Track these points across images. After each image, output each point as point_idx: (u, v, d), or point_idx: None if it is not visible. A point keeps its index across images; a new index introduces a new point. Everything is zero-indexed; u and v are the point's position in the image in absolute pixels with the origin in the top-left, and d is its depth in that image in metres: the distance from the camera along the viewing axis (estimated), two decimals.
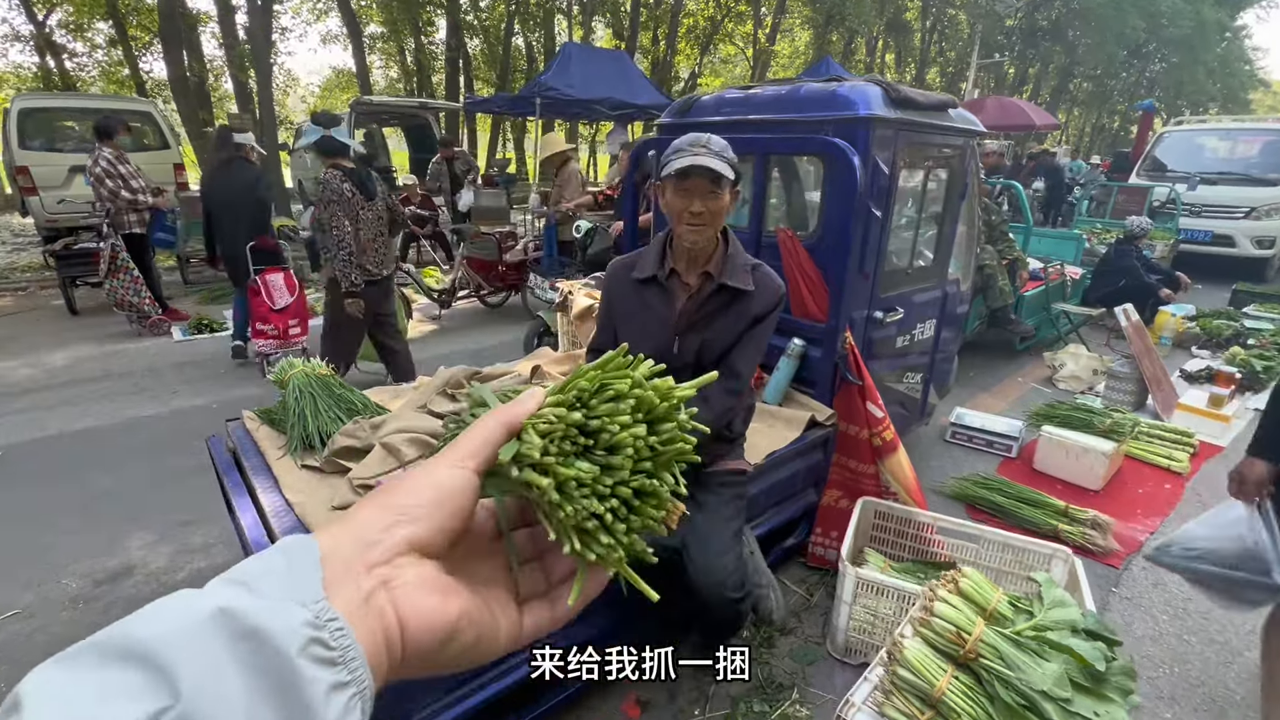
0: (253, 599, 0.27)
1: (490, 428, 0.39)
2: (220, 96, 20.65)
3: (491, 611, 0.37)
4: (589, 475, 0.40)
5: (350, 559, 0.32)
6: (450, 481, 0.36)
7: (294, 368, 2.27)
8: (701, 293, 1.74)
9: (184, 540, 2.78)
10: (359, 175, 3.27)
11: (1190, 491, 3.38)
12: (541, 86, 7.48)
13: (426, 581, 0.33)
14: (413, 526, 0.34)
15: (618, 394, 0.42)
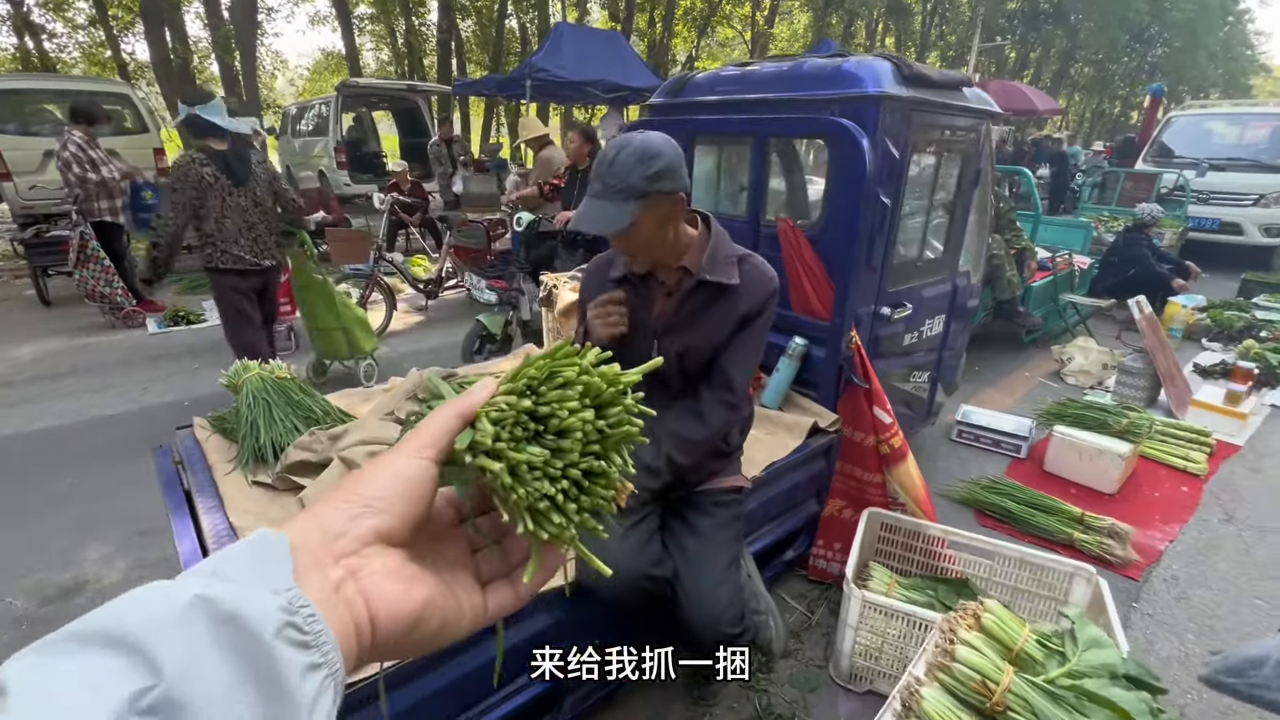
0: (228, 586, 0.28)
1: (446, 416, 0.40)
2: (205, 79, 20.20)
3: (455, 595, 0.39)
4: (540, 459, 0.41)
5: (318, 550, 0.33)
6: (411, 471, 0.37)
7: (248, 370, 2.07)
8: (680, 290, 1.52)
9: (141, 553, 2.59)
10: (226, 159, 3.06)
11: (1209, 495, 3.22)
12: (532, 68, 7.21)
13: (392, 571, 0.35)
14: (378, 518, 0.35)
15: (566, 381, 0.43)
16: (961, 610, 1.55)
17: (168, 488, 1.78)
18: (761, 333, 1.54)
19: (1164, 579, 2.60)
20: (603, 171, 1.35)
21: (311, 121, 11.27)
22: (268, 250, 3.32)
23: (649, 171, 1.32)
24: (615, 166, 1.33)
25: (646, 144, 1.33)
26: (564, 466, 0.42)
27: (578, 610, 1.52)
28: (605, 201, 1.35)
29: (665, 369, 1.55)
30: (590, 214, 1.36)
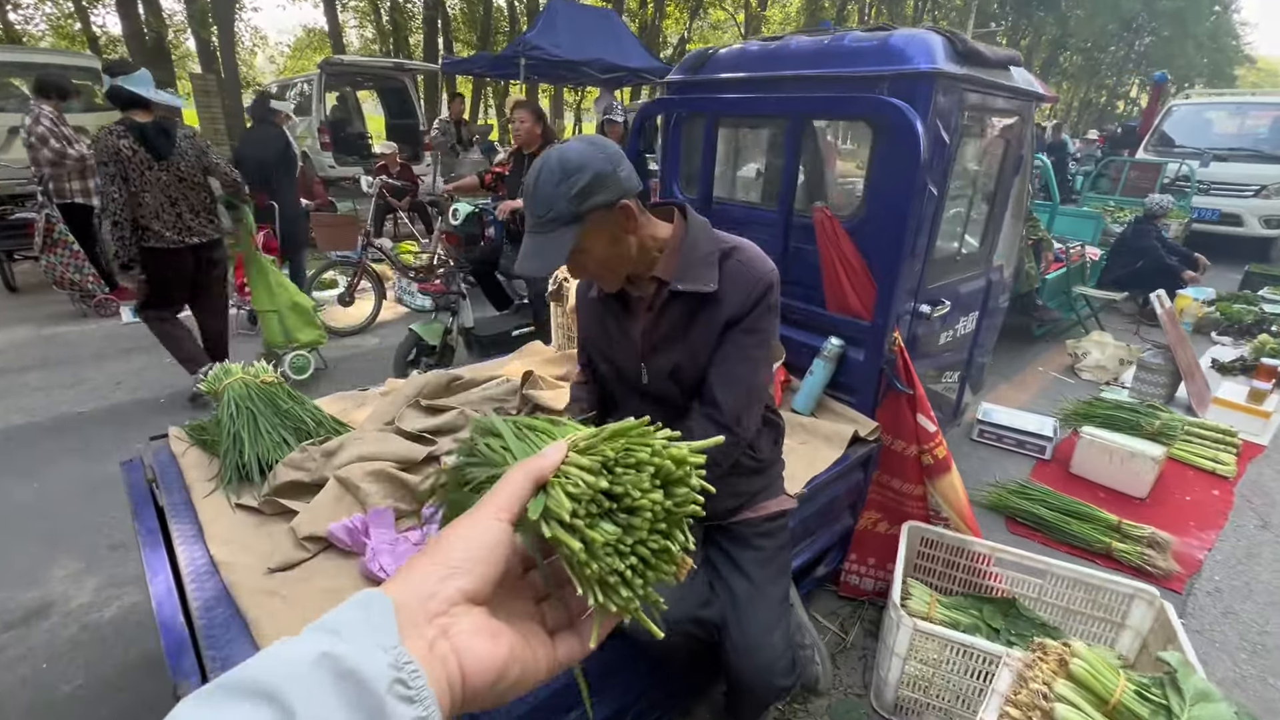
0: (345, 645, 0.31)
1: (519, 483, 0.43)
2: (181, 55, 19.50)
3: (530, 646, 0.41)
4: (613, 537, 0.44)
5: (414, 611, 0.36)
6: (491, 535, 0.40)
7: (229, 375, 1.85)
8: (656, 305, 1.29)
9: (114, 569, 2.37)
10: (144, 131, 2.95)
11: (1240, 499, 3.11)
12: (526, 45, 6.90)
13: (479, 627, 0.38)
14: (464, 579, 0.38)
15: (639, 462, 0.46)
16: (1039, 650, 1.39)
17: (139, 510, 1.56)
18: (750, 339, 1.27)
19: (1207, 592, 2.48)
20: (528, 202, 1.15)
21: (293, 101, 10.81)
22: (195, 228, 3.23)
23: (573, 191, 1.11)
24: (537, 195, 1.14)
25: (564, 160, 1.12)
26: (633, 544, 0.45)
27: (613, 655, 1.34)
28: (539, 236, 1.15)
29: (664, 389, 1.35)
30: (528, 252, 1.16)
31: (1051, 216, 5.33)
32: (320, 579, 1.31)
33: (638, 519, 0.45)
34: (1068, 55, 30.75)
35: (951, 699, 1.77)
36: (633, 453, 0.46)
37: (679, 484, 0.47)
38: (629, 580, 0.44)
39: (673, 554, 0.47)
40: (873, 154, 2.06)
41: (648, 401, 1.40)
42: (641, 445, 0.47)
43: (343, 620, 0.33)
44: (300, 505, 1.52)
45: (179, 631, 1.19)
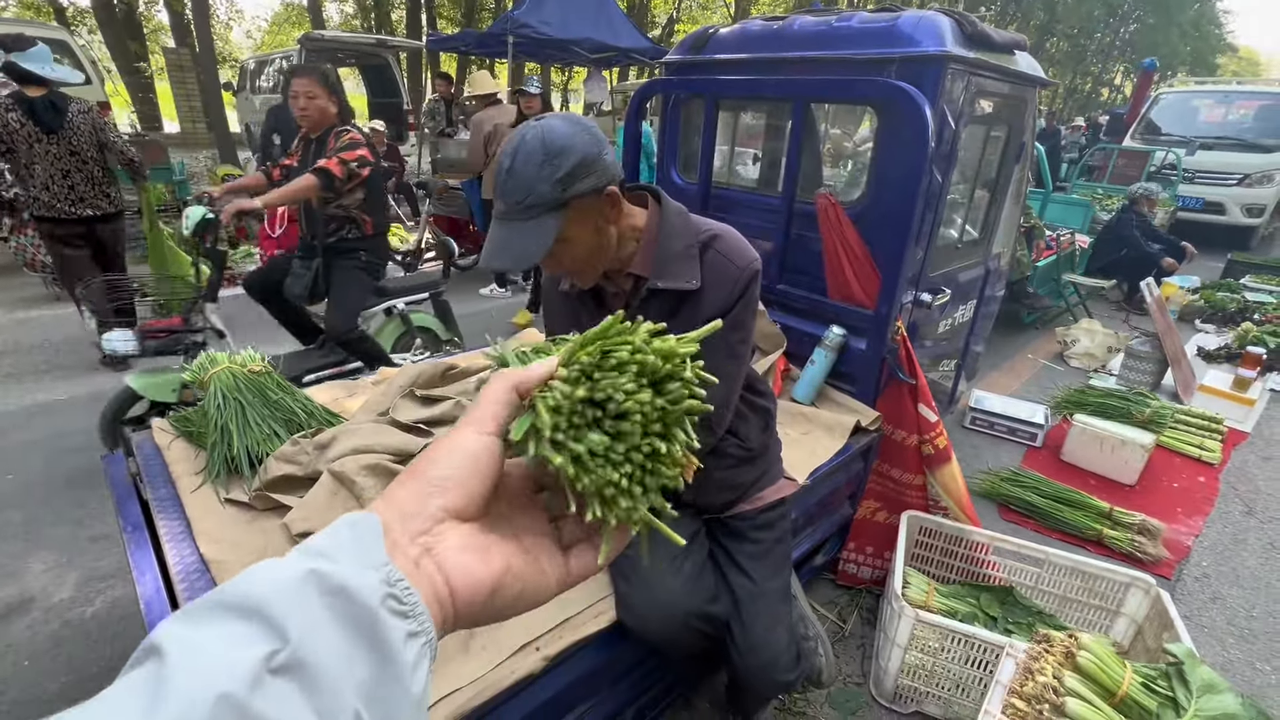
0: (333, 564, 0.30)
1: (498, 391, 0.41)
2: (154, 28, 18.85)
3: (536, 560, 0.40)
4: (601, 446, 0.41)
5: (396, 533, 0.35)
6: (474, 446, 0.38)
7: (215, 364, 1.78)
8: (634, 303, 1.21)
9: (94, 563, 2.30)
10: (34, 105, 3.05)
11: (1226, 485, 3.16)
12: (514, 23, 6.71)
13: (466, 544, 0.36)
14: (445, 496, 0.37)
15: (620, 363, 0.42)
16: (1044, 641, 1.39)
17: (122, 506, 1.50)
18: (735, 335, 1.20)
19: (1195, 577, 2.52)
20: (501, 186, 1.03)
21: (272, 77, 10.50)
22: (88, 200, 3.36)
23: (559, 174, 1.01)
24: (514, 178, 1.02)
25: (547, 139, 1.01)
26: (626, 450, 0.42)
27: (617, 652, 1.32)
28: (515, 224, 1.04)
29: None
30: (500, 243, 1.05)
31: (1043, 204, 5.34)
32: None
33: (627, 424, 0.41)
34: (1054, 41, 30.76)
35: (951, 687, 1.78)
36: (611, 354, 0.42)
37: (670, 379, 0.43)
38: (628, 489, 0.41)
39: (674, 455, 0.43)
40: (879, 139, 2.02)
41: None
42: (621, 344, 0.43)
43: (329, 543, 0.33)
44: (293, 500, 1.47)
45: None
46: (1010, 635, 1.87)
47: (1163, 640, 1.70)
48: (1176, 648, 1.30)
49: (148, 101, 14.33)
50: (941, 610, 1.97)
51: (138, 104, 14.06)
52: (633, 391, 0.42)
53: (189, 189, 7.52)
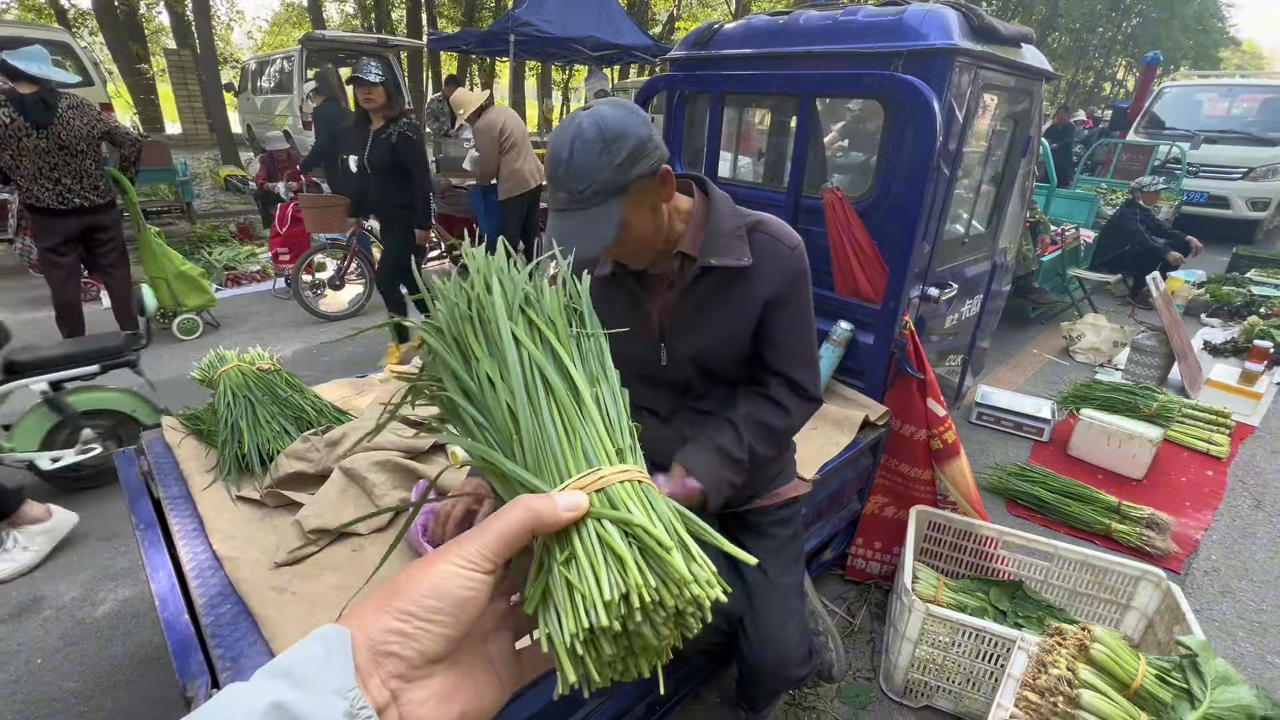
0: (297, 691, 0.30)
1: (512, 529, 0.39)
2: (155, 29, 18.86)
3: (495, 675, 0.40)
4: (612, 659, 0.41)
5: (367, 663, 0.33)
6: (465, 591, 0.36)
7: (225, 362, 1.79)
8: (681, 281, 1.22)
9: (105, 562, 2.31)
10: (24, 102, 3.15)
11: (1234, 479, 3.15)
12: (516, 21, 6.71)
13: (433, 693, 0.36)
14: (425, 643, 0.35)
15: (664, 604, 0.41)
16: (1056, 634, 1.39)
17: (135, 505, 1.50)
18: (804, 311, 1.25)
19: (1205, 571, 2.52)
20: (560, 176, 1.04)
21: (273, 78, 10.50)
22: (77, 193, 3.42)
23: (619, 159, 1.02)
24: (574, 167, 1.02)
25: (602, 126, 1.02)
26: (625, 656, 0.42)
27: None
28: (579, 212, 1.05)
29: (683, 373, 1.29)
30: (569, 233, 1.06)
31: (1048, 199, 5.32)
32: (330, 574, 1.27)
33: (639, 641, 0.42)
34: (1056, 36, 30.66)
35: (962, 681, 1.78)
36: (663, 595, 0.41)
37: (692, 616, 0.43)
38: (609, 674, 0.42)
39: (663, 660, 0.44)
40: (886, 133, 2.01)
41: (657, 388, 1.34)
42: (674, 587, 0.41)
43: (299, 659, 0.32)
44: (305, 497, 1.48)
45: (184, 630, 1.15)
46: (1020, 629, 1.87)
47: (1174, 634, 1.69)
48: (1190, 640, 1.30)
49: (149, 103, 14.35)
50: (951, 605, 1.97)
51: (139, 105, 14.08)
52: (661, 628, 0.42)
53: (192, 190, 7.54)
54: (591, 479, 0.45)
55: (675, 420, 1.35)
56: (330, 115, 5.81)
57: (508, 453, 0.51)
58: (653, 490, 0.47)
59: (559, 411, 0.51)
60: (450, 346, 0.57)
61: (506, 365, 0.53)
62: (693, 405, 1.35)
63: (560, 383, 0.53)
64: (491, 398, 0.52)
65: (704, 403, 1.34)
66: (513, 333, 0.54)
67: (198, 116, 13.49)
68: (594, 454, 0.49)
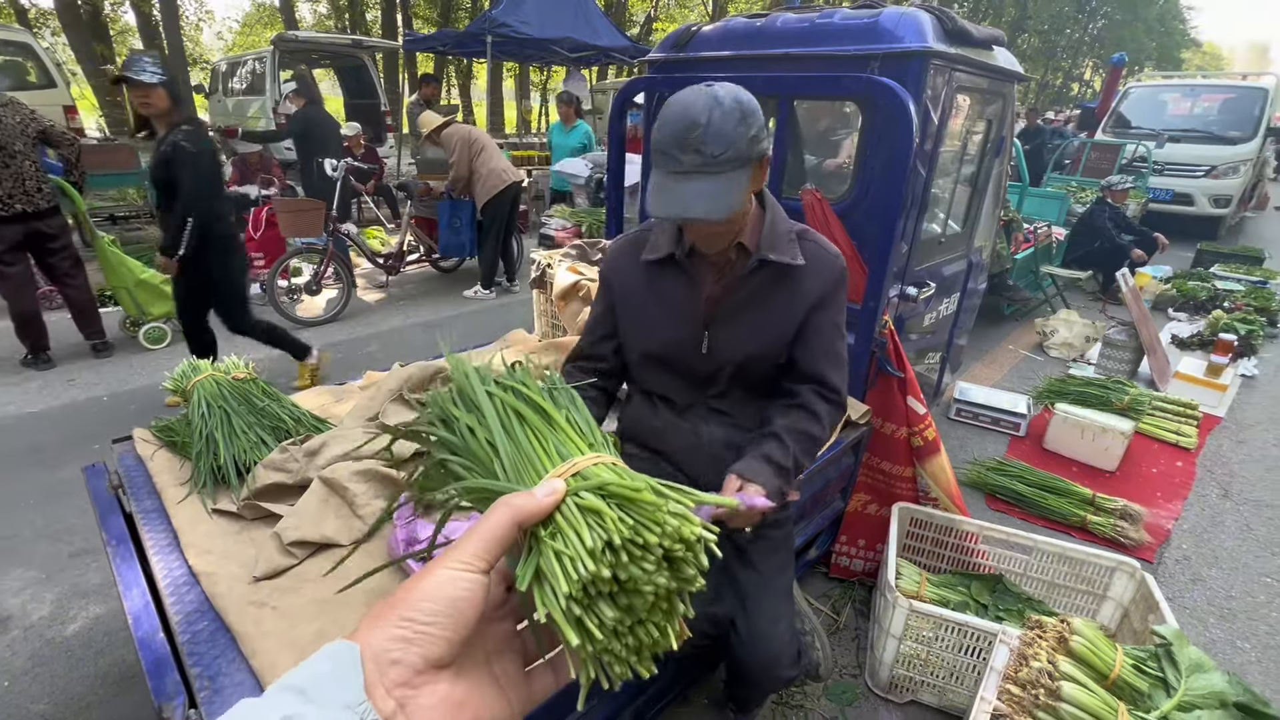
0: (309, 707, 0.30)
1: (499, 526, 0.40)
2: (121, 30, 18.42)
3: (504, 694, 0.41)
4: (613, 622, 0.42)
5: (374, 673, 0.34)
6: (461, 592, 0.37)
7: (198, 372, 1.75)
8: (735, 271, 1.28)
9: (75, 578, 2.25)
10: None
11: (1202, 469, 3.24)
12: (493, 22, 6.67)
13: (441, 699, 0.36)
14: (427, 645, 0.35)
15: (647, 543, 0.43)
16: (1036, 627, 1.42)
17: (105, 519, 1.46)
18: (840, 318, 1.33)
19: (1176, 560, 2.58)
20: (694, 139, 1.04)
21: (245, 79, 10.30)
22: (18, 198, 3.36)
23: (751, 132, 1.06)
24: (712, 131, 1.04)
25: (739, 99, 1.06)
26: (632, 624, 0.43)
27: None
28: (705, 177, 1.07)
29: (717, 364, 1.32)
30: (694, 194, 1.07)
31: (1021, 197, 5.43)
32: (311, 588, 1.25)
33: (639, 600, 0.42)
34: (1026, 37, 31.35)
35: (945, 676, 1.81)
36: (642, 532, 0.43)
37: (685, 563, 0.44)
38: (625, 658, 0.42)
39: (671, 630, 0.45)
40: (863, 135, 2.04)
41: (683, 377, 1.36)
42: (651, 522, 0.43)
43: (310, 675, 0.32)
44: (284, 509, 1.45)
45: (159, 649, 1.12)
46: (1001, 622, 1.90)
47: (1149, 622, 1.74)
48: (1165, 629, 1.33)
49: (116, 105, 13.99)
50: (933, 600, 1.99)
51: (106, 107, 13.73)
52: (653, 573, 0.42)
53: None
54: (566, 467, 0.48)
55: (689, 415, 1.40)
56: (307, 118, 5.72)
57: (490, 477, 0.54)
58: (626, 469, 0.50)
59: (532, 431, 0.55)
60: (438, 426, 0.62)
61: (482, 411, 0.58)
62: (710, 402, 1.39)
63: (532, 413, 0.57)
64: (472, 441, 0.57)
65: (722, 401, 1.38)
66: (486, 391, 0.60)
67: None
68: (568, 452, 0.52)
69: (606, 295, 1.43)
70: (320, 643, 1.16)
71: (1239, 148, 8.59)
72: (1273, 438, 3.59)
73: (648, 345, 1.37)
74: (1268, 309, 5.25)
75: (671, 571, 0.44)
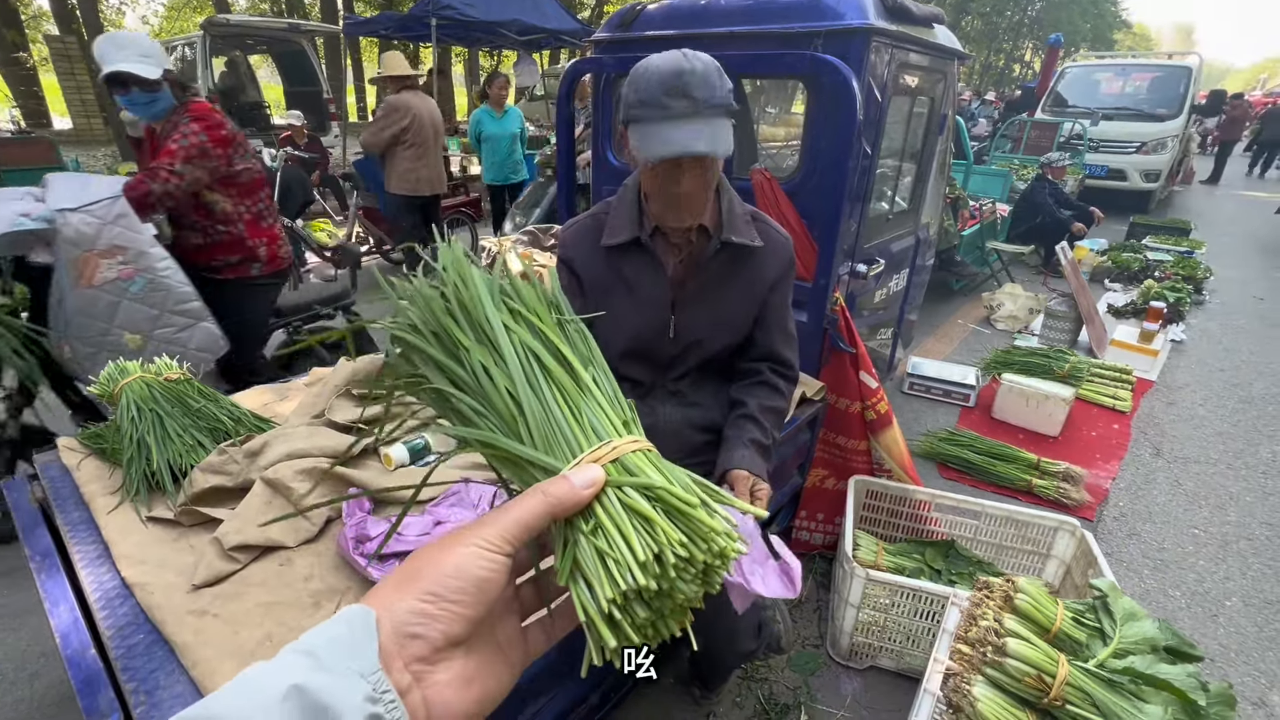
0: (320, 674, 0.30)
1: (534, 514, 0.39)
2: (35, 14, 17.22)
3: (507, 658, 0.41)
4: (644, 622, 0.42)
5: (391, 642, 0.33)
6: (488, 573, 0.37)
7: (126, 374, 1.65)
8: (697, 254, 1.29)
9: (4, 599, 2.12)
10: None
11: (1137, 431, 3.41)
12: (437, 4, 6.46)
13: (455, 675, 0.36)
14: (449, 624, 0.35)
15: (691, 558, 0.43)
16: (985, 588, 1.47)
17: (28, 534, 1.38)
18: (789, 296, 1.38)
19: (1114, 517, 2.72)
20: (684, 84, 1.07)
21: (174, 66, 9.77)
22: None
23: (728, 85, 1.11)
24: (699, 76, 1.07)
25: (708, 59, 1.11)
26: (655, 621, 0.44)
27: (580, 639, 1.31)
28: (698, 119, 1.08)
29: (681, 347, 1.33)
30: (687, 136, 1.07)
31: (966, 175, 5.57)
32: (256, 592, 1.20)
33: (669, 602, 0.43)
34: (969, 20, 32.17)
35: (903, 640, 1.86)
36: (692, 549, 0.43)
37: (715, 571, 0.45)
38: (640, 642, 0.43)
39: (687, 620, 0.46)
40: (808, 114, 2.05)
41: (644, 361, 1.36)
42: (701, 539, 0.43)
43: (323, 639, 0.32)
44: (224, 512, 1.38)
45: (90, 666, 1.06)
46: (954, 585, 1.97)
47: (1088, 577, 1.82)
48: (1101, 582, 1.40)
49: (32, 95, 13.08)
50: (890, 568, 2.05)
51: (20, 98, 12.83)
52: (689, 582, 0.43)
53: None
54: (604, 451, 0.46)
55: (649, 398, 1.41)
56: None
57: (513, 436, 0.50)
58: (661, 458, 0.49)
59: (560, 391, 0.51)
60: (430, 341, 0.56)
61: (501, 352, 0.52)
62: (668, 385, 1.40)
63: (556, 365, 0.53)
64: (489, 385, 0.52)
65: (680, 383, 1.40)
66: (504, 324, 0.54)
67: (90, 110, 12.40)
68: (601, 428, 0.50)
69: (567, 283, 1.39)
70: (267, 648, 1.11)
71: (1166, 124, 9.02)
72: (1199, 399, 3.80)
73: (621, 339, 1.35)
74: (1194, 277, 5.54)
75: (704, 579, 0.45)
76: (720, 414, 1.42)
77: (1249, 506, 2.81)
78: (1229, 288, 5.96)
